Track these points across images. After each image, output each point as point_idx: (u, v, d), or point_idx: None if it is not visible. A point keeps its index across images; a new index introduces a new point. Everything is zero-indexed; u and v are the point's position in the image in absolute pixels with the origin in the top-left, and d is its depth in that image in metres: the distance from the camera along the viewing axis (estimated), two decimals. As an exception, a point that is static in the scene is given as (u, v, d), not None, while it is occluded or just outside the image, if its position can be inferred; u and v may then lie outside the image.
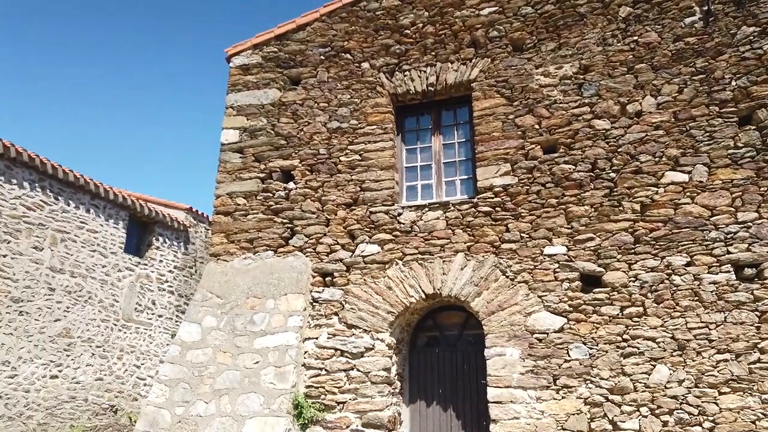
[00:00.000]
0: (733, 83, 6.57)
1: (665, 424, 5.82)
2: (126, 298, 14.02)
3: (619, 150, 6.76)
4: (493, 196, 7.05)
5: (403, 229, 7.27)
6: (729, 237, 6.17)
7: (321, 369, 6.97)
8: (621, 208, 6.58)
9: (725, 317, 5.96)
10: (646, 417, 5.89)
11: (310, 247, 7.53)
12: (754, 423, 5.62)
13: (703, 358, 5.92)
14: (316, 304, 7.30)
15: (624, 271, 6.38)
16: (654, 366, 6.02)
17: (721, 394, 5.77)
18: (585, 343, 6.26)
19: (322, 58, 8.29)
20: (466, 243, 6.99)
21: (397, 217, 7.34)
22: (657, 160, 6.61)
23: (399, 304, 7.00)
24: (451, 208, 7.18)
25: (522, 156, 7.10)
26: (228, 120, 8.44)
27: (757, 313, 5.90)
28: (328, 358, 6.99)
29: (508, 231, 6.88)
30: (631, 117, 6.84)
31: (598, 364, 6.16)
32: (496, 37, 7.61)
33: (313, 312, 7.27)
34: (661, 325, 6.12)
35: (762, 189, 6.21)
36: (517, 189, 6.98)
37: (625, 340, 6.18)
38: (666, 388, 5.92)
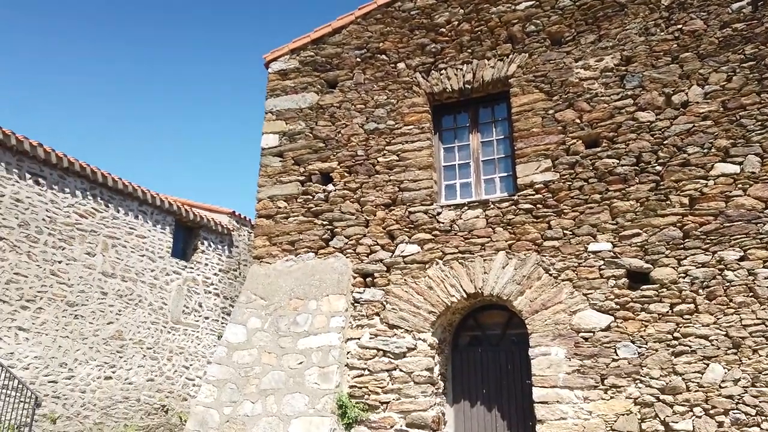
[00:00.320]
0: (786, 69, 6.28)
1: (720, 424, 5.61)
2: (174, 300, 14.43)
3: (665, 142, 6.56)
4: (533, 192, 6.94)
5: (442, 228, 7.24)
6: (785, 230, 5.90)
7: (364, 369, 7.00)
8: (668, 202, 6.38)
9: (783, 313, 5.71)
10: (700, 417, 5.69)
11: (351, 248, 7.58)
12: (817, 424, 5.36)
13: (760, 356, 5.67)
14: (357, 304, 7.35)
15: (673, 267, 6.18)
16: (707, 365, 5.81)
17: (780, 393, 5.53)
18: (633, 342, 6.10)
19: (358, 60, 8.34)
20: (507, 241, 6.91)
21: (436, 217, 7.31)
22: (705, 151, 6.38)
23: (440, 303, 6.98)
24: (491, 206, 7.11)
25: (563, 151, 6.97)
26: (268, 125, 8.58)
27: (817, 308, 5.63)
28: (370, 359, 7.02)
29: (550, 228, 6.77)
30: (676, 108, 6.62)
31: (647, 363, 5.98)
32: (534, 32, 7.49)
33: (355, 312, 7.32)
34: (714, 323, 5.90)
35: (820, 178, 5.91)
36: (558, 185, 6.86)
37: (675, 339, 5.99)
38: (721, 387, 5.71)
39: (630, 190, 6.55)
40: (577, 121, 7.00)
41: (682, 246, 6.21)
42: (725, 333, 5.83)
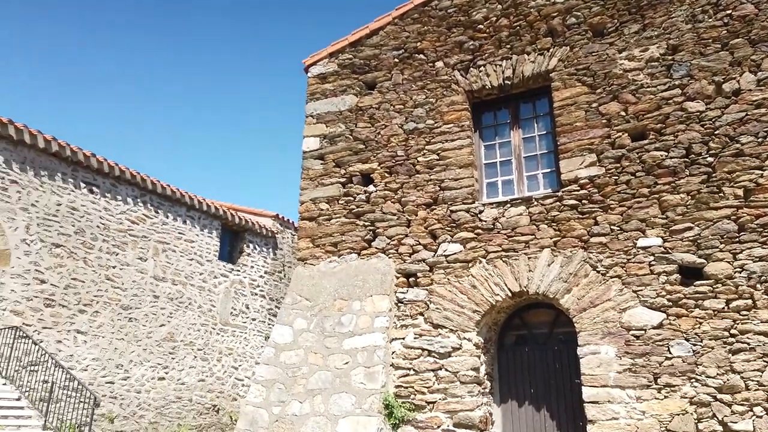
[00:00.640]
0: None
1: (784, 425, 5.37)
2: (222, 303, 14.79)
3: (716, 132, 6.32)
4: (578, 188, 6.80)
5: (485, 226, 7.17)
6: None
7: (409, 369, 7.01)
8: (721, 195, 6.14)
9: None
10: (761, 417, 5.45)
11: (393, 249, 7.60)
12: None
13: (826, 353, 5.40)
14: (400, 304, 7.36)
15: (728, 262, 5.95)
16: None
17: None
18: (687, 340, 5.90)
19: (396, 60, 8.35)
20: (551, 238, 6.79)
21: (479, 215, 7.25)
22: (760, 140, 6.11)
23: (484, 302, 6.92)
24: (535, 203, 7.00)
25: (608, 145, 6.80)
26: (308, 128, 8.70)
27: None
28: (415, 358, 7.03)
29: (596, 224, 6.62)
30: (728, 96, 6.37)
31: (703, 362, 5.78)
32: (575, 24, 7.34)
33: (399, 312, 7.33)
34: (774, 319, 5.65)
35: None
36: (604, 180, 6.70)
37: (732, 336, 5.76)
38: (783, 386, 5.46)
39: (680, 183, 6.34)
40: (623, 113, 6.82)
41: (738, 239, 5.97)
42: (786, 329, 5.58)
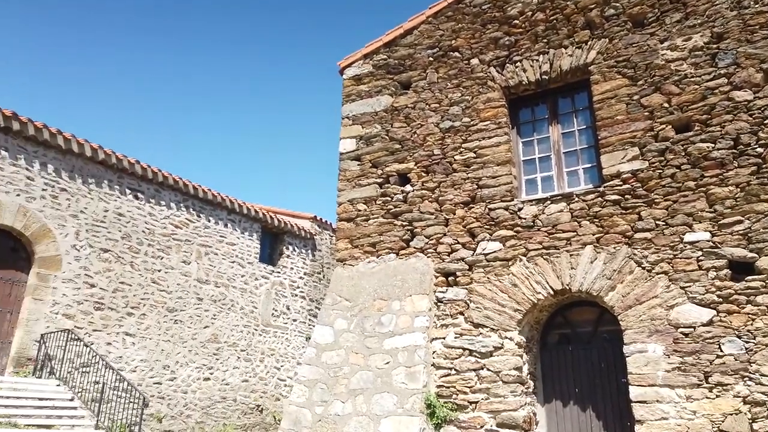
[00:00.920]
0: None
1: None
2: (263, 304, 15.03)
3: (765, 122, 6.08)
4: (621, 183, 6.64)
5: (524, 224, 7.08)
6: None
7: (450, 369, 6.98)
8: (773, 186, 5.90)
9: None
10: (821, 418, 5.22)
11: (431, 248, 7.58)
12: None
13: None
14: (440, 304, 7.33)
15: (782, 256, 5.71)
16: (827, 361, 5.32)
17: None
18: (739, 337, 5.69)
19: (431, 59, 8.33)
20: (594, 234, 6.65)
21: (518, 213, 7.16)
22: (815, 128, 5.85)
23: (526, 301, 6.83)
24: (575, 199, 6.87)
25: (651, 138, 6.62)
26: (344, 130, 8.76)
27: None
28: (456, 358, 6.99)
29: (641, 219, 6.45)
30: (778, 83, 6.12)
31: (757, 359, 5.57)
32: (613, 15, 7.18)
33: (438, 312, 7.31)
34: (834, 315, 5.39)
35: None
36: (648, 173, 6.52)
37: (788, 333, 5.53)
38: None
39: (728, 175, 6.13)
40: (666, 105, 6.63)
41: (792, 232, 5.73)
42: None
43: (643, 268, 6.29)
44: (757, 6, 6.40)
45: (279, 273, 15.61)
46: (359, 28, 38.25)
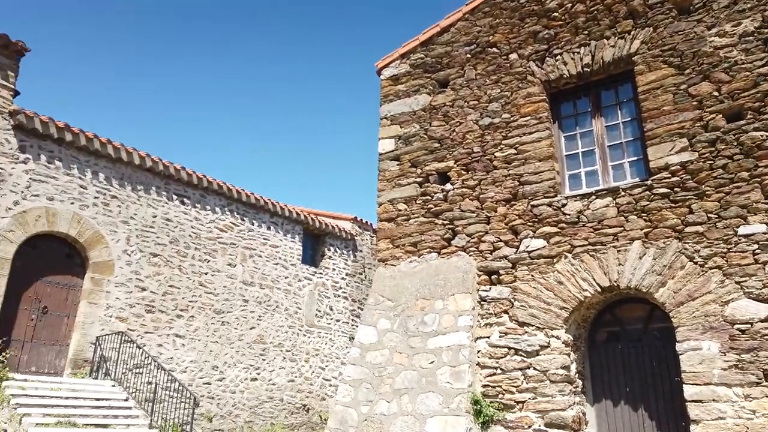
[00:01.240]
0: None
1: None
2: (307, 305, 15.22)
3: (825, 106, 5.79)
4: (669, 175, 6.44)
5: (569, 220, 6.95)
6: None
7: (496, 368, 6.90)
8: (835, 174, 5.61)
9: None
10: None
11: (473, 246, 7.52)
12: None
13: None
14: (484, 302, 7.26)
15: None
16: None
17: None
18: (801, 334, 5.43)
19: (468, 56, 8.26)
20: (642, 229, 6.47)
21: (562, 209, 7.03)
22: None
23: (572, 299, 6.69)
24: (622, 194, 6.70)
25: (701, 128, 6.39)
26: (383, 130, 8.78)
27: None
28: (501, 357, 6.91)
29: (691, 212, 6.24)
30: (838, 66, 5.82)
31: (821, 357, 5.30)
32: (657, 3, 6.96)
33: (482, 311, 7.24)
34: None
35: None
36: (698, 165, 6.30)
37: None
38: None
39: (785, 164, 5.86)
40: (715, 93, 6.39)
41: None
42: None
43: (695, 263, 6.08)
44: (812, -14, 6.10)
45: (321, 274, 15.78)
46: (398, 27, 38.30)
